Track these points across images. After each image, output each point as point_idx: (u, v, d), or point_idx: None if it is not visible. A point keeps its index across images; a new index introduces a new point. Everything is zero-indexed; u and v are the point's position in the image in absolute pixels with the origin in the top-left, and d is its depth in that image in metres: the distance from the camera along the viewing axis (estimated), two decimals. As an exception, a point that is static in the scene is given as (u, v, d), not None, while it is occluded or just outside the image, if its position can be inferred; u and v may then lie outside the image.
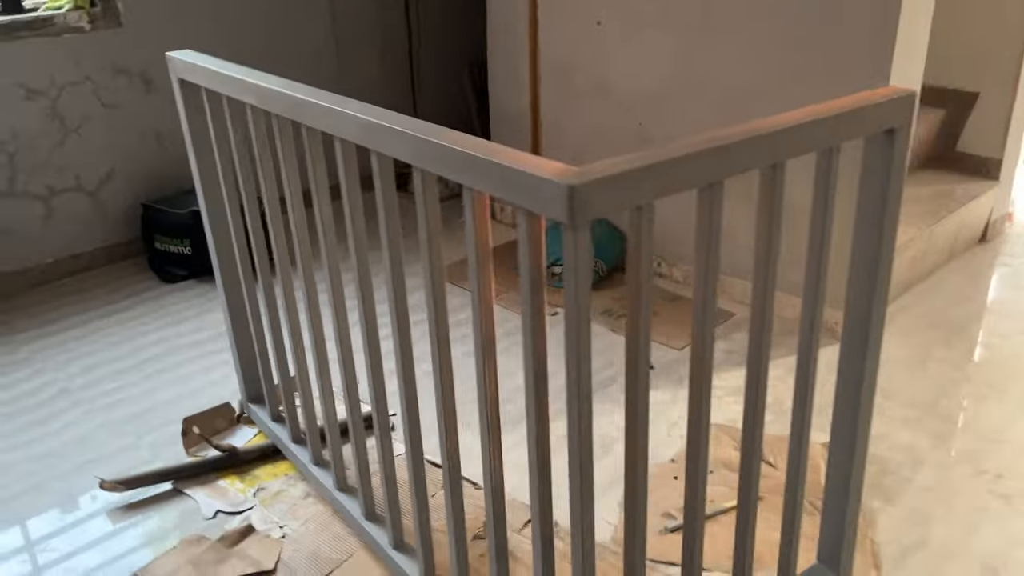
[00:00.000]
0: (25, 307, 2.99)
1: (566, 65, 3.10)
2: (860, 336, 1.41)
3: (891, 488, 2.02)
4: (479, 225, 1.15)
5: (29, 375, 2.57)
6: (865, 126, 1.23)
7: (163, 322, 2.87)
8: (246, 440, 2.25)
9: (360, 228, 1.47)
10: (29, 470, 2.15)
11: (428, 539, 1.64)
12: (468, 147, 1.08)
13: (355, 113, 1.28)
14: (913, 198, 3.06)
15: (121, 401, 2.43)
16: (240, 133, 1.81)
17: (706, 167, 1.06)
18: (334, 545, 1.88)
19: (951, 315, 2.77)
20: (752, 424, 1.34)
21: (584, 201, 0.95)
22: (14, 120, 2.93)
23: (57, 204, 3.10)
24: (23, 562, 1.86)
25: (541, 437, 1.18)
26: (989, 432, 2.20)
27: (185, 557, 1.86)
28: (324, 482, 1.96)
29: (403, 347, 1.45)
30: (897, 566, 1.79)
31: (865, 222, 1.34)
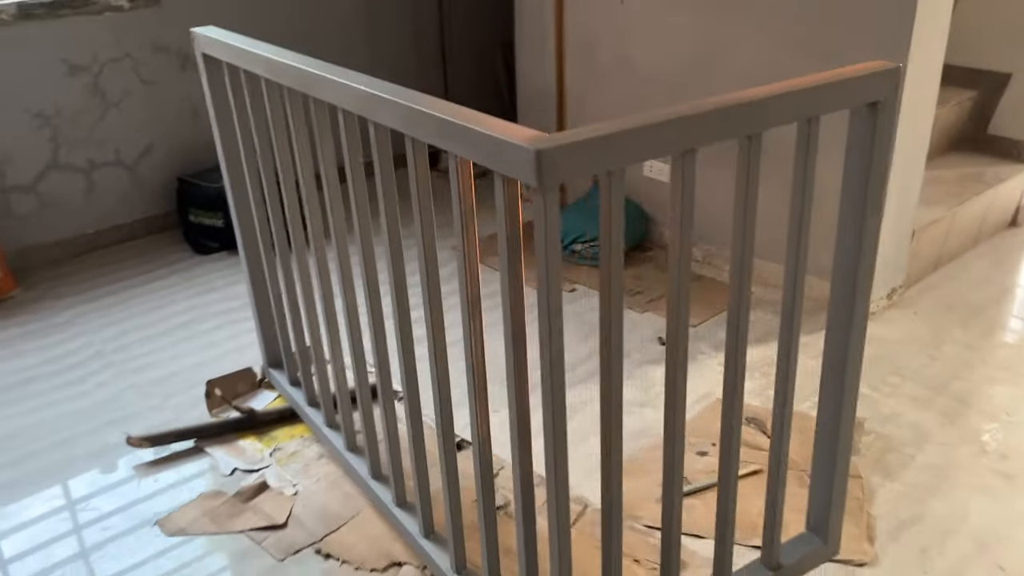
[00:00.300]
0: (67, 274, 3.13)
1: (590, 43, 3.13)
2: (846, 307, 1.43)
3: (893, 465, 2.03)
4: (463, 189, 1.20)
5: (68, 338, 2.71)
6: (846, 99, 1.25)
7: (193, 291, 2.98)
8: (266, 403, 2.34)
9: (363, 198, 1.53)
10: (63, 424, 2.28)
11: (427, 497, 1.71)
12: (450, 115, 1.14)
13: (353, 84, 1.34)
14: (939, 179, 3.02)
15: (150, 364, 2.55)
16: (259, 107, 1.88)
17: (678, 136, 1.10)
18: (343, 503, 1.97)
19: (972, 298, 2.75)
20: (732, 394, 1.37)
21: (551, 165, 1.00)
22: (58, 95, 3.06)
23: (98, 177, 3.23)
24: (56, 508, 1.98)
25: (520, 397, 1.24)
26: (998, 413, 2.20)
27: (202, 509, 1.96)
28: (335, 443, 2.04)
29: (402, 316, 1.52)
30: (891, 539, 1.81)
31: (850, 194, 1.36)
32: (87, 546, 1.87)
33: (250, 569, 1.79)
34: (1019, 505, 1.89)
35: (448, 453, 1.54)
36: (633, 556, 1.79)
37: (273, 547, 1.85)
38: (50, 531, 1.91)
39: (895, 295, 2.70)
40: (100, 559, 1.83)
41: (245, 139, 1.98)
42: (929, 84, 2.41)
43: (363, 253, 1.59)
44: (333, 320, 1.88)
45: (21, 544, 1.88)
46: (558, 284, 1.08)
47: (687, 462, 2.05)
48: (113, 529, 1.91)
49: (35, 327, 2.77)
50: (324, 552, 1.82)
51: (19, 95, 2.99)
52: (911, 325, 2.62)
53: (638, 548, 1.81)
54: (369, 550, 1.82)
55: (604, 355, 1.17)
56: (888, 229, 2.52)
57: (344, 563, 1.79)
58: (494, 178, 1.11)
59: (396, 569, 1.77)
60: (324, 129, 1.58)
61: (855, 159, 1.33)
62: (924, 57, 2.33)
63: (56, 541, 1.89)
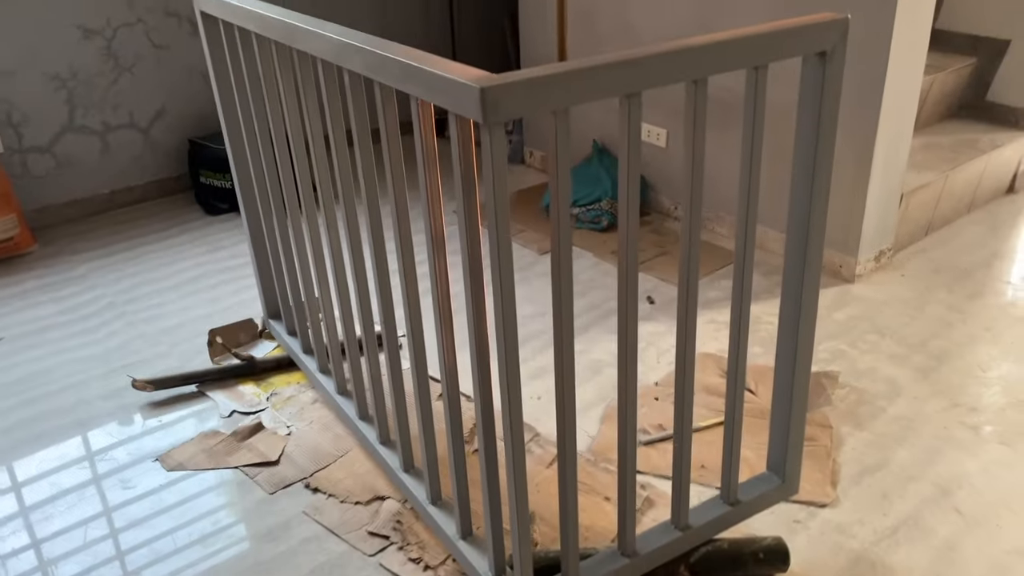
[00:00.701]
0: (84, 232, 3.25)
1: (591, 10, 3.17)
2: (799, 258, 1.49)
3: (863, 416, 2.09)
4: (424, 129, 1.28)
5: (83, 290, 2.83)
6: (794, 48, 1.30)
7: (202, 249, 3.09)
8: (265, 352, 2.45)
9: (343, 150, 1.62)
10: (76, 368, 2.40)
11: (407, 435, 1.80)
12: (410, 59, 1.21)
13: (327, 33, 1.42)
14: (934, 145, 3.05)
15: (159, 315, 2.66)
16: (252, 64, 1.97)
17: (623, 78, 1.17)
18: (333, 443, 2.07)
19: (961, 262, 2.79)
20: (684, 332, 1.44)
21: (495, 102, 1.07)
22: (73, 58, 3.17)
23: (112, 139, 3.35)
24: (67, 442, 2.10)
25: (479, 328, 1.32)
26: (973, 370, 2.25)
27: (200, 447, 2.07)
28: (327, 387, 2.14)
29: (381, 270, 1.60)
30: (854, 483, 1.88)
31: (802, 144, 1.42)
32: (94, 476, 1.99)
33: (243, 500, 1.90)
34: (982, 455, 1.95)
35: (422, 393, 1.63)
36: (604, 495, 1.87)
37: (265, 481, 1.95)
38: (60, 459, 2.04)
39: (883, 257, 2.74)
40: (107, 488, 1.95)
41: (241, 97, 2.07)
42: (917, 45, 2.43)
43: (345, 209, 1.67)
44: (323, 273, 1.97)
45: (32, 471, 2.00)
46: (506, 217, 1.16)
47: (666, 410, 2.13)
48: (118, 462, 2.03)
49: (52, 280, 2.90)
50: (313, 486, 1.93)
51: (36, 58, 3.10)
52: (897, 287, 2.66)
53: (609, 487, 1.89)
54: (355, 485, 1.93)
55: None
56: (875, 192, 2.57)
57: (331, 496, 1.90)
58: (449, 118, 1.18)
59: (379, 503, 1.87)
60: (308, 82, 1.66)
61: (807, 106, 1.39)
62: (911, 17, 2.36)
63: (64, 469, 2.01)
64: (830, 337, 2.41)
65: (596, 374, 2.29)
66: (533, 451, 2.01)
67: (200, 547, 1.78)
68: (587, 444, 2.03)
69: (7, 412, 2.23)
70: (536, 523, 1.78)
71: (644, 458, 1.97)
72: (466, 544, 1.63)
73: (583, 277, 2.80)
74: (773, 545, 1.63)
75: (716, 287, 2.70)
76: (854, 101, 2.48)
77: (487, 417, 1.40)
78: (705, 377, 2.25)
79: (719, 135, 2.91)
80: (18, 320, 2.66)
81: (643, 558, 1.55)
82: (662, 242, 3.02)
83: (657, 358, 2.35)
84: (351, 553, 1.75)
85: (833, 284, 2.69)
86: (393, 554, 1.73)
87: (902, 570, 1.65)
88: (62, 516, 1.88)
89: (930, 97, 3.13)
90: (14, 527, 1.85)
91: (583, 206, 3.15)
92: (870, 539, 1.73)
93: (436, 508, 1.72)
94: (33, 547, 1.80)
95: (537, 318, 2.57)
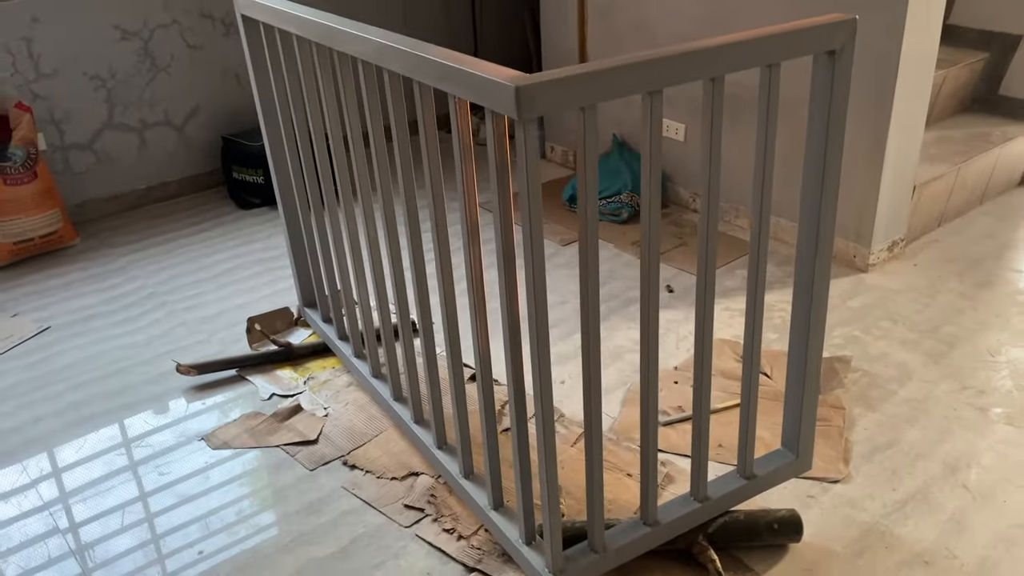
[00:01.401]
0: (123, 226, 3.38)
1: (609, 8, 3.26)
2: (810, 248, 1.58)
3: (875, 398, 2.18)
4: (462, 124, 1.38)
5: (124, 281, 2.96)
6: (805, 47, 1.40)
7: (237, 242, 3.21)
8: (301, 339, 2.56)
9: (381, 147, 1.72)
10: (122, 355, 2.53)
11: (440, 414, 1.91)
12: (448, 60, 1.31)
13: (368, 36, 1.52)
14: (947, 139, 3.12)
15: (198, 305, 2.79)
16: (292, 65, 2.08)
17: (645, 77, 1.26)
18: (368, 423, 2.18)
19: (973, 251, 2.86)
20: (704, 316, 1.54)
21: (529, 99, 1.17)
22: (112, 58, 3.30)
23: (149, 136, 3.48)
24: (115, 424, 2.23)
25: (512, 311, 1.42)
26: (983, 354, 2.33)
27: (243, 427, 2.19)
28: (362, 371, 2.25)
29: (417, 260, 1.71)
30: (865, 460, 1.97)
31: (813, 138, 1.51)
32: (141, 457, 2.11)
33: (284, 477, 2.02)
34: (990, 434, 2.03)
35: (456, 375, 1.74)
36: (626, 471, 1.97)
37: (305, 459, 2.07)
38: (111, 440, 2.16)
39: (896, 248, 2.82)
40: (157, 467, 2.07)
41: (280, 96, 2.18)
42: (929, 41, 2.51)
43: (383, 203, 1.78)
44: (360, 263, 2.08)
45: (87, 451, 2.13)
46: (538, 205, 1.26)
47: (685, 393, 2.22)
48: (165, 444, 2.15)
49: (94, 272, 3.03)
50: (350, 464, 2.04)
51: (77, 59, 3.23)
52: (910, 276, 2.74)
53: (631, 464, 1.99)
54: (390, 462, 2.04)
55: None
56: (888, 184, 2.64)
57: (367, 473, 2.01)
58: (485, 114, 1.28)
59: (413, 478, 1.98)
60: (348, 81, 1.77)
61: (818, 102, 1.48)
62: (923, 13, 2.43)
63: (116, 450, 2.13)
64: (844, 324, 2.50)
65: (617, 360, 2.39)
66: (559, 431, 2.11)
67: (246, 521, 1.90)
68: (609, 425, 2.13)
69: (57, 396, 2.36)
70: (562, 496, 1.89)
71: (664, 438, 2.07)
72: (498, 515, 1.73)
73: (604, 267, 2.90)
74: (787, 516, 1.73)
75: (733, 276, 2.79)
76: (867, 95, 2.56)
77: (519, 399, 1.50)
78: (722, 362, 2.34)
79: (735, 129, 2.99)
80: (64, 309, 2.79)
81: (664, 527, 1.65)
82: (681, 233, 3.11)
83: (676, 344, 2.45)
84: (388, 524, 1.86)
85: (847, 273, 2.77)
86: (428, 525, 1.84)
87: (910, 541, 1.74)
88: (116, 492, 2.00)
89: (943, 91, 3.20)
90: (75, 501, 1.98)
91: (604, 199, 3.25)
92: (880, 512, 1.82)
93: (469, 482, 1.83)
94: (95, 519, 1.92)
95: (558, 307, 2.67)
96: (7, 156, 2.99)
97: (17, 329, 2.69)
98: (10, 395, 2.37)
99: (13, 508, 1.97)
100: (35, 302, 2.84)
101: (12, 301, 2.85)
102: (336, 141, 1.94)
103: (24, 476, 2.06)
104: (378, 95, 1.69)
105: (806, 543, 1.75)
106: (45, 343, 2.61)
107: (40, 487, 2.02)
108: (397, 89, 1.57)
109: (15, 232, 3.03)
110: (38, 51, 3.15)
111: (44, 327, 2.69)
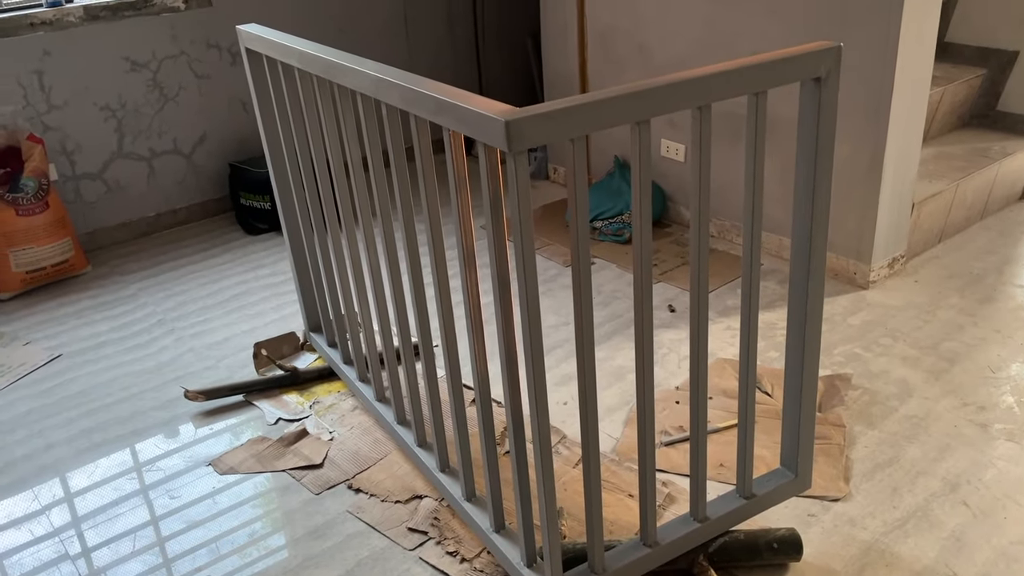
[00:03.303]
0: (133, 253, 3.44)
1: (610, 32, 3.31)
2: (803, 267, 1.60)
3: (876, 416, 2.19)
4: (456, 157, 1.42)
5: (134, 308, 3.01)
6: (791, 74, 1.43)
7: (244, 267, 3.26)
8: (307, 364, 2.60)
9: (380, 176, 1.76)
10: (131, 382, 2.57)
11: (443, 437, 1.94)
12: (442, 94, 1.35)
13: (366, 70, 1.57)
14: (946, 155, 3.14)
15: (206, 331, 2.83)
16: (294, 96, 2.13)
17: (633, 108, 1.30)
18: (373, 447, 2.21)
19: (973, 267, 2.87)
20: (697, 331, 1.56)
21: (518, 133, 1.21)
22: (121, 89, 3.36)
23: (158, 164, 3.54)
24: (125, 450, 2.26)
25: (508, 338, 1.45)
26: (983, 371, 2.34)
27: (250, 452, 2.22)
28: (366, 395, 2.28)
29: (417, 287, 1.74)
30: (866, 479, 1.98)
31: (803, 161, 1.54)
32: (151, 482, 2.15)
33: (290, 501, 2.05)
34: (989, 451, 2.04)
35: (457, 398, 1.77)
36: (628, 492, 1.99)
37: (311, 483, 2.10)
38: (121, 466, 2.19)
39: (896, 264, 2.84)
40: (165, 492, 2.11)
41: (284, 126, 2.23)
42: (923, 59, 2.54)
43: (383, 232, 1.81)
44: (363, 289, 2.12)
45: (97, 477, 2.16)
46: (530, 236, 1.29)
47: (686, 413, 2.24)
48: (173, 469, 2.19)
49: (105, 299, 3.08)
50: (355, 487, 2.07)
51: (88, 90, 3.30)
52: (910, 292, 2.75)
53: (633, 485, 2.01)
54: (395, 485, 2.06)
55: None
56: (886, 202, 2.67)
57: (372, 496, 2.03)
58: (477, 146, 1.32)
59: (417, 501, 2.00)
60: (347, 112, 1.81)
61: (805, 126, 1.51)
62: (916, 31, 2.46)
63: (125, 475, 2.17)
64: (845, 341, 2.51)
65: (619, 380, 2.41)
66: (560, 452, 2.14)
67: (254, 545, 1.93)
68: (611, 445, 2.15)
69: (69, 423, 2.40)
70: (564, 518, 1.91)
71: (665, 458, 2.09)
72: (499, 537, 1.75)
73: (607, 288, 2.92)
74: (787, 536, 1.74)
75: (734, 295, 2.81)
76: (863, 114, 2.59)
77: (517, 421, 1.53)
78: (723, 381, 2.36)
79: (733, 148, 3.03)
80: (76, 337, 2.84)
81: (664, 548, 1.66)
82: (683, 252, 3.14)
83: (678, 363, 2.47)
84: (392, 548, 1.88)
85: (848, 291, 2.79)
86: (432, 548, 1.86)
87: (911, 559, 1.75)
88: (126, 518, 2.03)
89: (941, 108, 3.22)
90: (85, 527, 2.01)
91: (606, 219, 3.28)
92: (880, 530, 1.83)
93: (471, 504, 1.85)
94: (105, 544, 1.95)
95: (562, 327, 2.69)
96: (20, 187, 3.05)
97: (29, 357, 2.73)
98: (23, 423, 2.41)
99: (25, 535, 2.00)
100: (47, 330, 2.89)
101: (24, 329, 2.90)
102: (337, 169, 1.98)
103: (36, 503, 2.10)
104: (377, 126, 1.73)
105: (806, 562, 1.76)
106: (57, 371, 2.65)
107: (51, 513, 2.06)
108: (395, 121, 1.62)
109: (27, 261, 3.09)
110: (49, 83, 3.22)
111: (56, 355, 2.74)
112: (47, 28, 3.16)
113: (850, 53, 2.54)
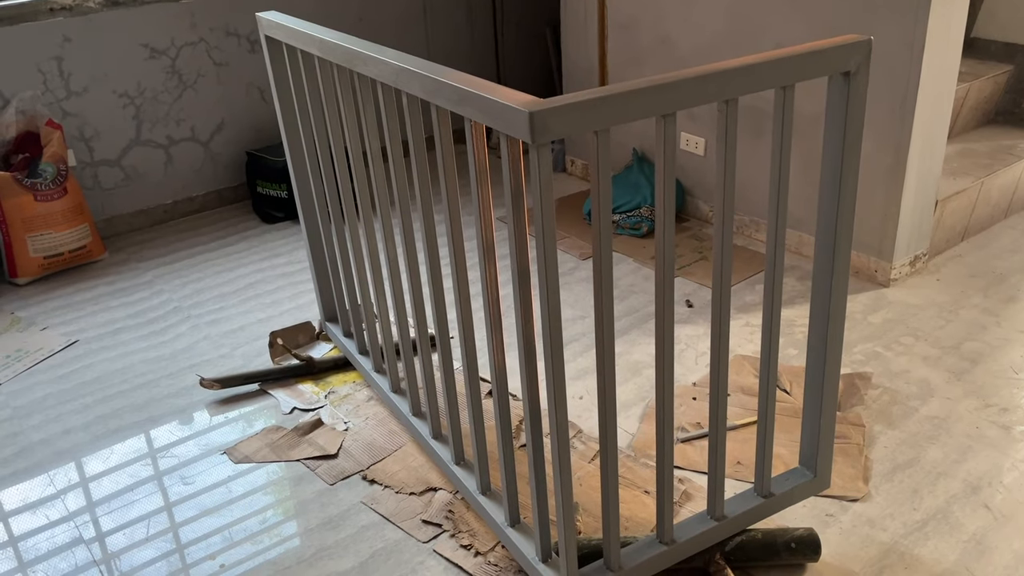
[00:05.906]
0: (150, 240, 3.44)
1: (631, 23, 3.28)
2: (827, 264, 1.58)
3: (896, 416, 2.16)
4: (477, 148, 1.40)
5: (151, 295, 3.01)
6: (819, 68, 1.40)
7: (261, 256, 3.26)
8: (323, 353, 2.59)
9: (400, 167, 1.75)
10: (147, 369, 2.57)
11: (458, 429, 1.92)
12: (465, 84, 1.33)
13: (388, 59, 1.55)
14: (970, 152, 3.09)
15: (222, 319, 2.83)
16: (313, 84, 2.11)
17: (658, 100, 1.28)
18: (388, 438, 2.20)
19: (997, 266, 2.83)
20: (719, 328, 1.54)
21: (542, 125, 1.19)
22: (140, 76, 3.36)
23: (175, 152, 3.54)
24: (140, 437, 2.27)
25: (526, 327, 1.43)
26: (1006, 371, 2.30)
27: (265, 441, 2.22)
28: (382, 385, 2.27)
29: (435, 278, 1.73)
30: (885, 479, 1.95)
31: (829, 154, 1.51)
32: (165, 468, 2.15)
33: (304, 490, 2.04)
34: (1012, 453, 2.01)
35: (473, 391, 1.76)
36: (644, 488, 1.97)
37: (325, 473, 2.09)
38: (136, 452, 2.20)
39: (918, 262, 2.80)
40: (180, 479, 2.11)
41: (302, 115, 2.21)
42: (950, 55, 2.49)
43: (402, 221, 1.80)
44: (379, 279, 2.11)
45: (113, 462, 2.17)
46: (552, 228, 1.27)
47: (703, 409, 2.22)
48: (188, 456, 2.19)
49: (122, 286, 3.09)
50: (370, 478, 2.06)
51: (106, 77, 3.30)
52: (932, 291, 2.72)
53: (649, 481, 1.99)
54: (409, 477, 2.05)
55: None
56: (909, 199, 2.63)
57: (386, 488, 2.03)
58: (499, 137, 1.30)
59: (432, 493, 2.00)
60: (368, 101, 1.79)
61: (833, 121, 1.49)
62: (944, 26, 2.42)
63: (140, 461, 2.17)
64: (865, 340, 2.48)
65: (636, 375, 2.40)
66: (576, 447, 2.12)
67: (267, 534, 1.92)
68: (627, 441, 2.13)
69: (86, 409, 2.40)
70: (580, 513, 1.89)
71: (682, 454, 2.07)
72: (514, 531, 1.74)
73: (624, 282, 2.90)
74: (805, 535, 1.72)
75: (753, 291, 2.78)
76: (888, 110, 2.55)
77: (534, 415, 1.52)
78: (741, 379, 2.34)
79: (755, 142, 2.99)
80: (93, 323, 2.84)
81: (680, 546, 1.65)
82: (701, 247, 3.11)
83: (695, 360, 2.45)
84: (406, 540, 1.87)
85: (869, 288, 2.76)
86: (445, 541, 1.86)
87: (930, 562, 1.73)
88: (140, 504, 2.04)
89: (966, 104, 3.18)
90: (100, 512, 2.01)
91: (624, 213, 3.25)
92: (900, 532, 1.81)
93: (485, 498, 1.84)
94: (120, 529, 1.96)
95: (578, 321, 2.67)
96: (38, 173, 3.05)
97: (46, 342, 2.74)
98: (39, 408, 2.42)
99: (40, 519, 2.01)
100: (64, 316, 2.90)
101: (42, 315, 2.91)
102: (356, 157, 1.97)
103: (51, 487, 2.10)
104: (397, 115, 1.71)
105: (824, 563, 1.74)
106: (73, 356, 2.66)
107: (66, 497, 2.07)
108: (415, 110, 1.60)
109: (45, 247, 3.10)
110: (68, 69, 3.22)
111: (72, 340, 2.74)
112: (67, 14, 3.16)
113: (876, 47, 2.50)
